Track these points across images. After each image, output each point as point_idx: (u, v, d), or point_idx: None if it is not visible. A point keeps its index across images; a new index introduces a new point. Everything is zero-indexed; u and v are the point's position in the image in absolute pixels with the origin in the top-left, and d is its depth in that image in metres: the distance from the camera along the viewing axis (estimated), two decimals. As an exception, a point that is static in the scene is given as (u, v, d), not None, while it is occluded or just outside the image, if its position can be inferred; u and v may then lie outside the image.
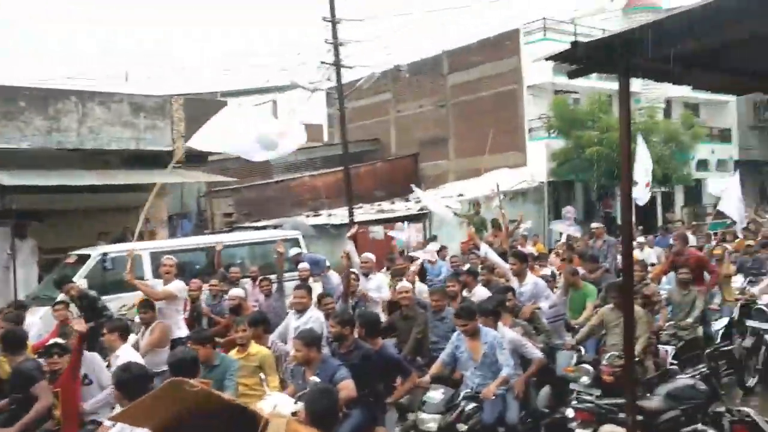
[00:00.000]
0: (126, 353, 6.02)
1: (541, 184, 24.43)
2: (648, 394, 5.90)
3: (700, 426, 5.21)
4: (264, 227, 18.91)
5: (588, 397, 5.90)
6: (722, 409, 6.07)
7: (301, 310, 7.23)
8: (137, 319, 7.91)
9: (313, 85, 20.26)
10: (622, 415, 5.06)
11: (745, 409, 4.94)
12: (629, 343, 4.15)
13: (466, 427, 5.60)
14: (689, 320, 8.08)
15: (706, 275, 9.24)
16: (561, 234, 14.75)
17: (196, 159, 17.62)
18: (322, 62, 18.60)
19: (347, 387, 5.06)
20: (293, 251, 12.10)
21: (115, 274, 10.92)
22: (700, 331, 8.29)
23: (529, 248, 12.32)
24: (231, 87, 30.88)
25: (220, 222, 22.56)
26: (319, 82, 20.43)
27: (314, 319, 7.11)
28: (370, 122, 31.45)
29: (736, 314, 9.11)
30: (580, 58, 3.97)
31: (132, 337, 7.19)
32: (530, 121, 25.63)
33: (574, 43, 3.79)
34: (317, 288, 9.54)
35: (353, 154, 24.05)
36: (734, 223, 13.86)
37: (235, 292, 8.67)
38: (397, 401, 6.00)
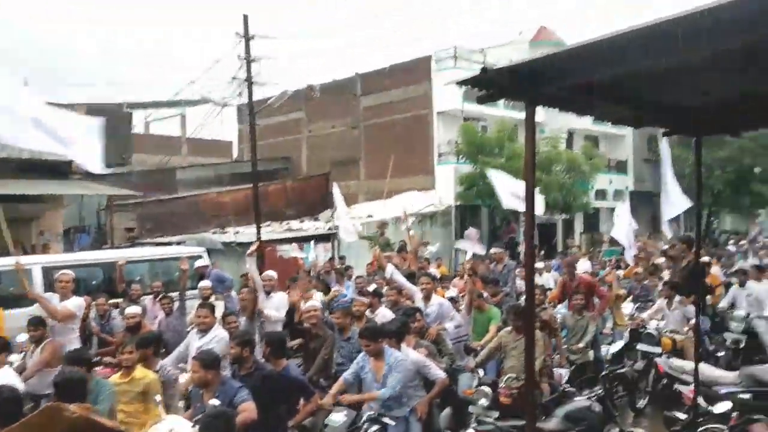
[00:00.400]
0: (4, 375, 5.61)
1: (448, 207, 24.88)
2: (545, 417, 6.03)
3: (595, 446, 5.35)
4: (168, 243, 18.30)
5: (488, 419, 5.95)
6: (616, 430, 6.28)
7: (204, 330, 7.00)
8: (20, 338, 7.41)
9: (223, 101, 19.86)
10: (521, 437, 5.14)
11: (637, 429, 5.11)
12: (530, 366, 4.20)
13: (369, 451, 5.53)
14: (581, 345, 8.35)
15: (596, 300, 9.58)
16: (466, 254, 15.03)
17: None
18: (234, 78, 18.31)
19: (247, 409, 4.91)
20: (199, 263, 11.77)
21: (2, 289, 10.32)
22: (591, 355, 8.59)
23: (433, 270, 12.45)
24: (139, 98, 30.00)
25: (121, 237, 21.69)
26: (230, 98, 20.05)
27: (219, 338, 6.88)
28: (281, 140, 31.24)
29: (626, 339, 9.49)
30: (489, 84, 4.04)
31: (14, 357, 6.74)
32: (439, 146, 26.15)
33: (484, 69, 3.85)
34: (219, 307, 9.26)
35: (263, 172, 23.74)
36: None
37: (132, 310, 8.26)
38: (299, 424, 5.86)
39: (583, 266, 14.12)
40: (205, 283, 10.08)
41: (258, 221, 17.56)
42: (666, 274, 12.45)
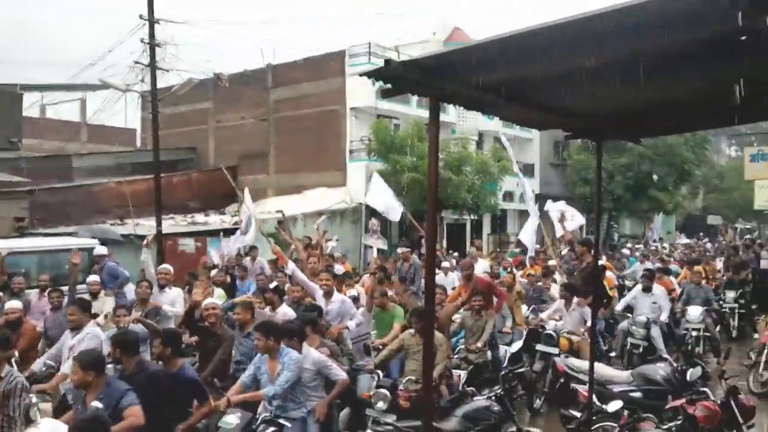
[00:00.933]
0: None
1: (359, 204, 24.78)
2: (445, 417, 6.00)
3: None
4: (60, 234, 17.32)
5: (388, 420, 5.87)
6: (514, 429, 6.34)
7: (76, 328, 6.63)
8: None
9: (125, 86, 18.90)
10: (419, 439, 5.07)
11: (534, 429, 5.14)
12: (429, 368, 4.11)
13: (263, 453, 5.32)
14: (479, 344, 8.41)
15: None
16: (373, 250, 15.02)
17: (-18, 154, 15.86)
18: (136, 62, 17.49)
19: (133, 414, 4.62)
20: (97, 251, 11.17)
21: None
22: (489, 355, 8.65)
23: (339, 267, 12.31)
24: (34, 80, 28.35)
25: (9, 226, 20.38)
26: (134, 84, 19.12)
27: (91, 335, 6.55)
28: (187, 130, 30.32)
29: (524, 339, 9.53)
30: (394, 77, 3.90)
31: None
32: (352, 143, 26.02)
33: (387, 61, 3.72)
34: (110, 303, 8.81)
35: (167, 162, 22.96)
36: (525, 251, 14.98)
37: (12, 304, 7.70)
38: (191, 427, 5.56)
39: (482, 266, 14.30)
40: (93, 278, 9.58)
41: (159, 213, 16.85)
42: (558, 277, 12.73)
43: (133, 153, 29.05)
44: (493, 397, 6.47)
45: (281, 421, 5.70)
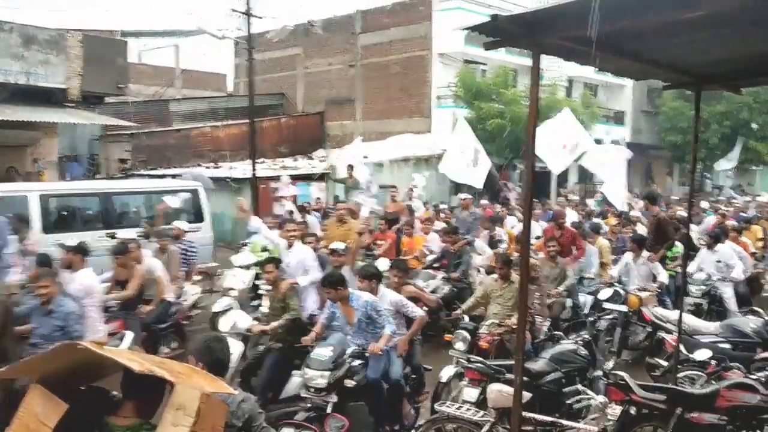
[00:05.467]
0: None
1: (444, 151, 24.74)
2: (532, 358, 6.25)
3: (580, 387, 5.55)
4: (162, 176, 18.27)
5: (474, 359, 6.16)
6: (599, 373, 6.52)
7: None
8: None
9: (221, 33, 19.47)
10: (509, 376, 5.34)
11: (620, 373, 5.31)
12: (523, 310, 4.34)
13: (354, 382, 5.72)
14: (560, 289, 8.47)
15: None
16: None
17: (91, 100, 16.78)
18: (233, 10, 17.94)
19: None
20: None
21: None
22: (569, 302, 8.69)
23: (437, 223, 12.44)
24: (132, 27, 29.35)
25: (113, 167, 21.64)
26: (228, 30, 19.68)
27: None
28: (277, 76, 30.87)
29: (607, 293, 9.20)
30: (498, 30, 4.03)
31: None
32: (438, 89, 25.88)
33: (494, 16, 3.84)
34: None
35: (257, 108, 23.58)
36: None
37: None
38: None
39: (571, 217, 14.20)
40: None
41: (254, 157, 17.50)
42: (641, 228, 12.40)
43: (225, 98, 29.90)
44: (580, 342, 6.62)
45: (367, 354, 6.02)
